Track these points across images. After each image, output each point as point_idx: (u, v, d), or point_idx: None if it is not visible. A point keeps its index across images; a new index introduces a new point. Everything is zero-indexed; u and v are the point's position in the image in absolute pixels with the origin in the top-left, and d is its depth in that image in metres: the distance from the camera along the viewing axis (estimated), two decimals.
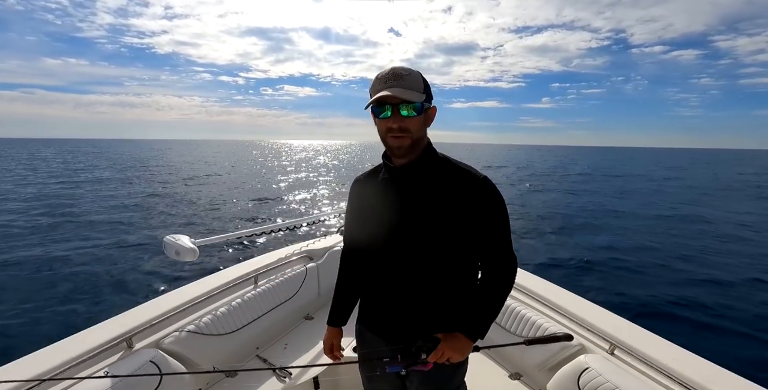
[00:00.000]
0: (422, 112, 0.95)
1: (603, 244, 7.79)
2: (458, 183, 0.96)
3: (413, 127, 0.94)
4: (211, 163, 27.75)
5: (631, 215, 11.35)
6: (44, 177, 21.68)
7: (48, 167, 28.82)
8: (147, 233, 9.11)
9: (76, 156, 46.95)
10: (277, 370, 1.82)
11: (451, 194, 0.95)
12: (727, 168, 42.48)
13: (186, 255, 1.91)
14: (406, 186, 1.01)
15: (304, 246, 2.72)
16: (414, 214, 0.98)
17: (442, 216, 0.95)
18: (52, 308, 4.94)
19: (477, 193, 0.95)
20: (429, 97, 0.97)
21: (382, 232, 1.03)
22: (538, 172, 29.95)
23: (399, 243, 1.00)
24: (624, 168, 38.38)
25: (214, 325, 1.82)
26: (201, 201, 13.58)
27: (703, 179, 26.25)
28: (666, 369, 1.34)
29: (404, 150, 0.96)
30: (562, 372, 1.50)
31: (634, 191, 18.10)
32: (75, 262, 6.93)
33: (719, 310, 4.62)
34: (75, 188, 16.99)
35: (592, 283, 5.61)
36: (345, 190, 16.62)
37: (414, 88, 0.92)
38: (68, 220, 10.47)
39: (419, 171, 1.00)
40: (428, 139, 1.03)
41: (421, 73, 0.95)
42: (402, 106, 0.91)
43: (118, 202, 13.08)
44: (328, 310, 1.28)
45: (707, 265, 6.47)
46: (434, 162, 1.02)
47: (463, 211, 0.95)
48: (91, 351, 1.40)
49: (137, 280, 6.01)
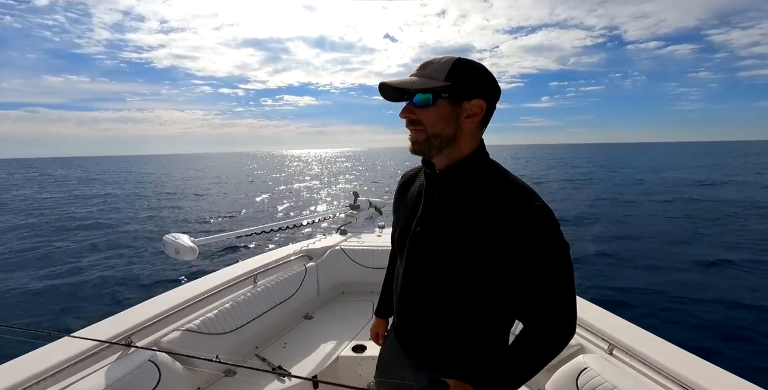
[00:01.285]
0: (433, 103, 0.79)
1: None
2: (502, 207, 0.76)
3: (427, 120, 0.80)
4: (223, 181, 27.90)
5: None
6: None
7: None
8: (147, 232, 9.11)
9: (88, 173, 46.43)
10: (276, 370, 1.83)
11: (488, 219, 0.76)
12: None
13: (185, 254, 1.91)
14: (438, 197, 0.87)
15: (303, 245, 2.72)
16: (438, 235, 0.84)
17: (468, 245, 0.78)
18: (50, 307, 4.95)
19: (522, 226, 0.73)
20: (462, 87, 0.78)
21: (405, 240, 0.93)
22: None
23: (417, 259, 0.89)
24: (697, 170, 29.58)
25: (213, 324, 1.82)
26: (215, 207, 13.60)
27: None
28: (665, 369, 1.34)
29: (418, 146, 0.83)
30: (561, 372, 1.50)
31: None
32: (73, 261, 6.93)
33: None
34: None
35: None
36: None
37: (431, 76, 0.78)
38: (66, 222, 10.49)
39: (456, 181, 0.84)
40: (479, 143, 0.84)
41: (462, 59, 0.79)
42: (418, 95, 0.79)
43: (130, 213, 13.14)
44: (327, 310, 1.28)
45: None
46: (479, 173, 0.83)
47: (498, 245, 0.75)
48: (89, 350, 1.40)
49: (136, 279, 6.02)
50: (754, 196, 13.96)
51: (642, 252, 7.07)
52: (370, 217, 3.37)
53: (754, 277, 5.68)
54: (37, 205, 15.92)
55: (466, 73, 0.78)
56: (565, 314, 0.79)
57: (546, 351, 0.81)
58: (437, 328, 0.89)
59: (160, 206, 14.82)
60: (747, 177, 22.10)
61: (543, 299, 0.77)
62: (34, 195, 20.73)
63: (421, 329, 0.92)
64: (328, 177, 32.06)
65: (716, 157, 52.05)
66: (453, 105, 0.79)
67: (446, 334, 0.88)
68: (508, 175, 0.82)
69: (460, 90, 0.78)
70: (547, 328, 0.79)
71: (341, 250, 2.70)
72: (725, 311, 4.53)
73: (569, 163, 42.29)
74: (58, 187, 25.68)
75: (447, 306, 0.86)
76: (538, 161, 40.73)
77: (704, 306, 4.69)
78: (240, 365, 1.12)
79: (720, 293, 5.05)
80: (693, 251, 7.05)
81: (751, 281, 5.50)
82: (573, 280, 0.78)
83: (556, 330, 0.79)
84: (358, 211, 3.22)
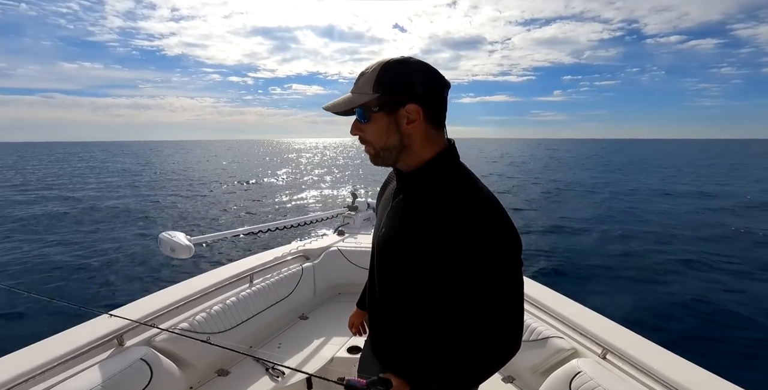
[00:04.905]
0: (366, 117, 0.77)
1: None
2: (451, 214, 0.73)
3: (370, 136, 0.80)
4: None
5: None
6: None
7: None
8: (143, 229, 9.08)
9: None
10: (270, 370, 1.82)
11: (439, 226, 0.74)
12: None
13: (181, 252, 1.90)
14: (403, 199, 0.86)
15: (300, 245, 2.72)
16: (396, 238, 0.84)
17: (421, 252, 0.77)
18: (40, 304, 4.90)
19: (465, 235, 0.71)
20: (390, 95, 0.75)
21: (375, 240, 0.95)
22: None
23: (380, 259, 0.91)
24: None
25: (208, 324, 1.81)
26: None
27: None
28: (657, 374, 1.35)
29: (372, 159, 0.84)
30: (555, 376, 1.51)
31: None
32: (65, 258, 6.89)
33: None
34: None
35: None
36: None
37: (359, 90, 0.76)
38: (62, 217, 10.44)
39: (417, 185, 0.83)
40: (443, 145, 0.82)
41: (388, 64, 0.75)
42: (357, 112, 0.78)
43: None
44: (323, 310, 1.28)
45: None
46: (440, 178, 0.80)
47: (447, 253, 0.73)
48: (81, 348, 1.39)
49: (130, 277, 5.99)
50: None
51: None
52: (368, 218, 3.37)
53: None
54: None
55: (392, 78, 0.75)
56: (504, 331, 0.76)
57: (483, 361, 0.78)
58: (392, 327, 0.91)
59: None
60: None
61: (486, 313, 0.74)
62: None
63: (380, 328, 0.96)
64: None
65: (734, 156, 48.46)
66: (389, 115, 0.76)
67: (399, 333, 0.90)
68: (473, 182, 0.79)
69: (390, 99, 0.75)
70: (486, 342, 0.76)
71: (338, 250, 2.69)
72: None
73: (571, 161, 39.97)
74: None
75: (401, 307, 0.87)
76: (535, 162, 39.49)
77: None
78: (239, 351, 1.11)
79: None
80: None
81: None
82: (518, 297, 0.76)
83: (492, 346, 0.76)
84: (356, 211, 3.22)
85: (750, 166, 31.20)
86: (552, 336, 1.66)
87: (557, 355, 1.61)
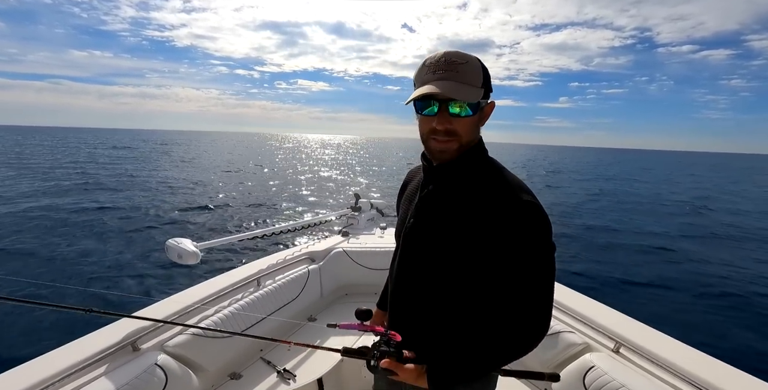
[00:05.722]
0: (478, 111, 0.77)
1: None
2: (492, 201, 0.75)
3: (463, 130, 0.77)
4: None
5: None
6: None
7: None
8: (149, 236, 9.12)
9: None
10: (281, 372, 1.83)
11: (477, 213, 0.76)
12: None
13: (188, 258, 1.91)
14: (433, 189, 0.87)
15: (305, 248, 2.72)
16: (429, 227, 0.84)
17: (456, 239, 0.78)
18: (54, 310, 4.93)
19: (509, 222, 0.72)
20: (488, 90, 0.78)
21: (401, 232, 0.94)
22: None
23: (410, 250, 0.90)
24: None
25: (219, 327, 1.81)
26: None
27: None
28: (672, 367, 1.33)
29: (449, 155, 0.80)
30: (568, 370, 1.50)
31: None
32: (75, 265, 6.93)
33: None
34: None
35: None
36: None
37: (470, 82, 0.74)
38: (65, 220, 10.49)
39: (451, 175, 0.83)
40: (480, 138, 0.84)
41: (479, 60, 0.76)
42: (452, 103, 0.74)
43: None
44: (330, 312, 1.28)
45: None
46: (474, 168, 0.82)
47: (485, 239, 0.74)
48: (96, 354, 1.40)
49: (141, 284, 6.02)
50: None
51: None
52: (372, 218, 3.38)
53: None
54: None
55: (487, 75, 0.78)
56: (537, 314, 0.77)
57: (512, 347, 0.78)
58: (423, 318, 0.90)
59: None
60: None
61: (519, 297, 0.75)
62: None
63: (408, 320, 0.94)
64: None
65: (738, 171, 46.92)
66: (481, 111, 0.80)
67: (431, 324, 0.89)
68: (503, 171, 0.82)
69: (487, 95, 0.79)
70: (517, 325, 0.77)
71: (343, 251, 2.70)
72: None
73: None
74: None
75: (434, 297, 0.87)
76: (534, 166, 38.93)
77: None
78: (246, 335, 1.08)
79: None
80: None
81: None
82: (552, 281, 0.77)
83: (525, 328, 0.77)
84: (359, 212, 3.23)
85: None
86: (563, 331, 1.65)
87: (569, 350, 1.60)
